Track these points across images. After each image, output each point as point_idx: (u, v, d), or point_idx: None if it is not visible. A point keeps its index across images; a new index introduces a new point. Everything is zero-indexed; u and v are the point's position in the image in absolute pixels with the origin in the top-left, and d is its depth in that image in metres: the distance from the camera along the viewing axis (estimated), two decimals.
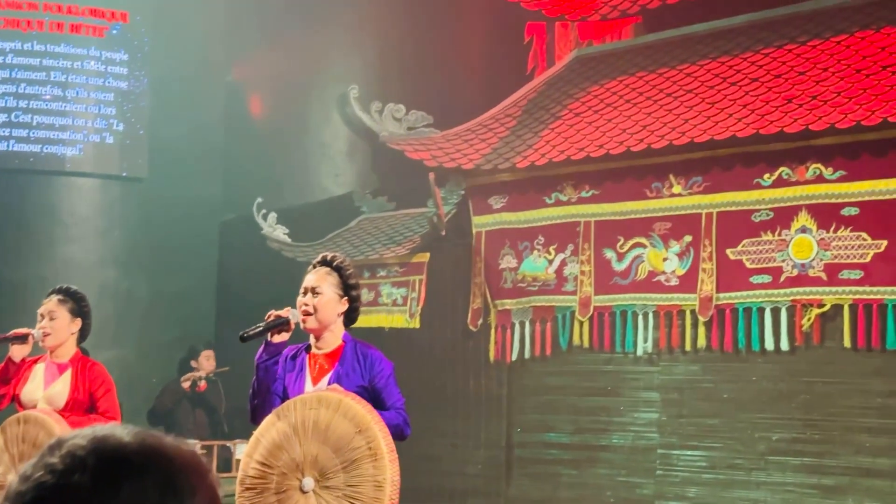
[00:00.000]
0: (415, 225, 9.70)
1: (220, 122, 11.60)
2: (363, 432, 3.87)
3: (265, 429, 4.06)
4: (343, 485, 3.87)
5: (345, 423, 3.92)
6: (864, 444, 7.57)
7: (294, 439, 3.97)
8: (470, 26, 10.58)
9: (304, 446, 3.93)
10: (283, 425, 4.03)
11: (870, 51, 8.11)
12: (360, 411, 3.93)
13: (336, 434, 3.91)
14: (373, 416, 3.95)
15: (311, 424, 3.96)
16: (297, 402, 4.10)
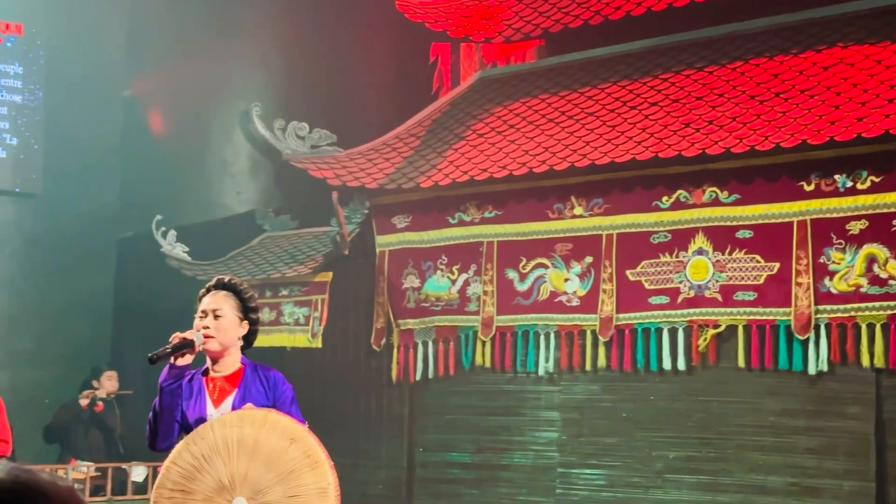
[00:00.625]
0: (318, 244, 9.68)
1: (119, 137, 11.42)
2: (297, 442, 3.86)
3: (177, 454, 3.99)
4: (283, 497, 3.83)
5: (274, 437, 3.89)
6: (758, 462, 7.77)
7: (216, 460, 3.91)
8: (375, 45, 10.64)
9: (231, 466, 3.87)
10: (200, 448, 3.96)
11: (763, 77, 8.33)
12: (288, 423, 3.94)
13: (266, 448, 3.87)
14: (302, 426, 3.97)
15: (234, 443, 3.90)
16: (215, 423, 4.04)
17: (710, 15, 8.80)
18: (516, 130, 9.10)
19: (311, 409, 8.90)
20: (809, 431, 7.70)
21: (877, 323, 7.43)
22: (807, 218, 7.77)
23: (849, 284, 7.56)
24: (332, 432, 8.91)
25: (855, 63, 7.97)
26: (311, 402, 8.97)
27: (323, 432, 8.90)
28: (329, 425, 8.99)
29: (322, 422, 8.87)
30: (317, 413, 8.90)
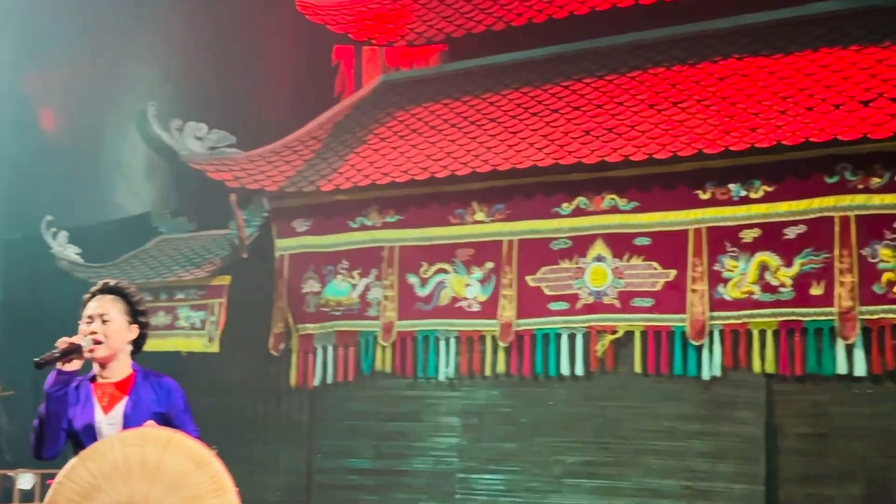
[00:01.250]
0: (215, 247, 9.67)
1: (7, 135, 11.12)
2: (203, 466, 3.67)
3: (72, 471, 3.81)
4: None
5: (179, 459, 3.72)
6: (652, 467, 7.92)
7: (116, 480, 3.75)
8: (276, 46, 10.63)
9: (131, 487, 3.72)
10: (99, 465, 3.81)
11: (661, 87, 8.49)
12: (194, 446, 3.77)
13: (171, 472, 3.70)
14: (208, 451, 3.80)
15: (136, 463, 3.75)
16: (115, 440, 3.89)
17: (611, 24, 8.91)
18: (419, 135, 9.16)
19: (208, 416, 8.79)
20: (702, 436, 7.87)
21: (768, 329, 7.68)
22: (702, 226, 7.94)
23: (742, 292, 7.76)
24: (229, 438, 8.83)
25: (749, 74, 8.21)
26: (207, 408, 8.95)
27: (220, 439, 8.80)
28: (226, 431, 8.90)
29: (219, 428, 8.82)
30: (213, 419, 8.86)
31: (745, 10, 8.52)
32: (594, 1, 8.88)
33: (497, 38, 9.27)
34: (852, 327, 7.38)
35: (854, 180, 7.54)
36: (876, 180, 7.46)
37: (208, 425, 8.61)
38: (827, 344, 7.54)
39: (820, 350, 7.56)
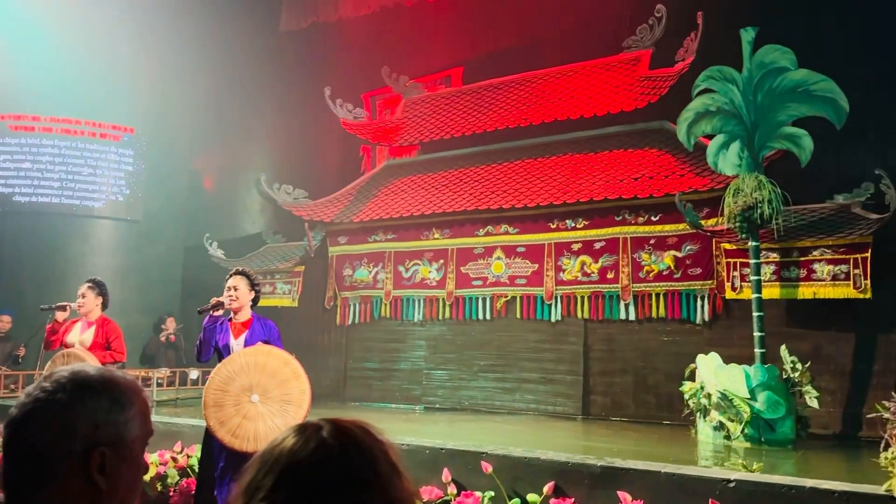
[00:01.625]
0: (297, 250, 9.64)
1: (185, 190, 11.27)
2: (288, 364, 3.90)
3: (219, 369, 3.93)
4: (279, 395, 3.84)
5: (275, 361, 3.90)
6: (525, 366, 8.10)
7: (241, 373, 3.87)
8: (331, 143, 10.42)
9: (250, 377, 3.85)
10: (232, 366, 3.92)
11: (531, 169, 8.45)
12: (283, 353, 3.94)
13: (270, 367, 3.87)
14: (291, 356, 3.96)
15: (252, 364, 3.89)
16: (240, 352, 4.01)
17: (508, 136, 8.84)
18: (405, 193, 9.24)
19: (292, 340, 9.07)
20: (551, 350, 7.96)
21: (585, 295, 7.79)
22: (552, 242, 8.06)
23: (572, 276, 7.88)
24: (303, 353, 9.08)
25: (577, 163, 8.26)
26: (293, 337, 9.19)
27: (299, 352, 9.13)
28: (302, 348, 9.11)
29: (298, 347, 9.04)
30: (295, 342, 9.08)
31: (576, 129, 8.43)
32: (499, 123, 8.81)
33: (448, 142, 9.25)
34: (628, 295, 7.53)
35: (629, 218, 7.66)
36: (640, 219, 7.60)
37: (292, 345, 9.00)
38: (615, 303, 7.62)
39: (611, 306, 7.63)
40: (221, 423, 3.84)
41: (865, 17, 7.27)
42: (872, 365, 6.39)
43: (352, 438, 0.90)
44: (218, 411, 3.86)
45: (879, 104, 7.04)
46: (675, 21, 7.88)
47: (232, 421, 3.83)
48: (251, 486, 0.87)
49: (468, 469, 4.61)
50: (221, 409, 3.85)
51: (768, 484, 3.85)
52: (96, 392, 1.03)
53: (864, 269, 6.27)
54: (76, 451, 0.99)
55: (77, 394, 1.01)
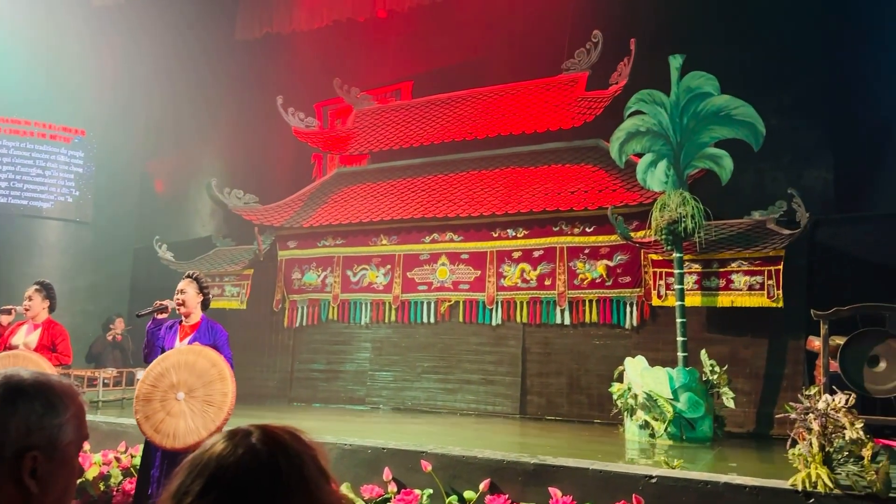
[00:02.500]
0: (246, 254, 9.51)
1: (137, 193, 10.92)
2: (216, 365, 3.86)
3: (153, 366, 3.92)
4: (203, 394, 3.80)
5: (203, 361, 3.87)
6: (467, 368, 8.09)
7: (173, 371, 3.84)
8: (283, 150, 10.32)
9: (179, 375, 3.83)
10: (165, 363, 3.90)
11: (475, 181, 8.50)
12: (213, 354, 3.91)
13: (199, 367, 3.84)
14: (221, 357, 3.93)
15: (183, 363, 3.86)
16: (174, 351, 3.99)
17: (453, 147, 8.86)
18: (354, 200, 9.16)
19: (241, 342, 8.91)
20: (492, 353, 7.98)
21: (523, 301, 7.86)
22: (494, 250, 8.10)
23: (512, 282, 7.94)
24: (251, 354, 8.93)
25: (517, 176, 8.36)
26: (241, 338, 8.97)
27: (248, 354, 8.93)
28: (250, 350, 8.89)
29: (246, 349, 8.94)
30: (244, 344, 8.92)
31: (517, 144, 8.54)
32: (446, 136, 8.85)
33: (396, 153, 9.25)
34: (564, 301, 7.63)
35: (566, 229, 7.76)
36: (576, 230, 7.72)
37: (241, 347, 8.82)
38: (552, 309, 7.70)
39: (548, 311, 7.71)
40: (147, 418, 3.79)
41: (784, 48, 7.67)
42: (783, 368, 6.68)
43: (280, 444, 0.88)
44: (145, 406, 3.82)
45: (794, 129, 7.43)
46: (611, 46, 8.11)
47: (157, 416, 3.78)
48: (179, 491, 0.86)
49: (408, 468, 4.62)
50: (149, 404, 3.81)
51: (687, 479, 3.99)
52: (29, 396, 1.00)
53: (777, 280, 6.56)
54: (7, 455, 0.96)
55: (9, 397, 0.98)
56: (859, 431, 3.72)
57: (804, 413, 3.99)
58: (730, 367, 6.23)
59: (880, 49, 7.13)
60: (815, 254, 6.83)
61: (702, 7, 7.86)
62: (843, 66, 7.47)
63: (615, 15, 8.19)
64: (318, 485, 0.87)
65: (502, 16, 9.03)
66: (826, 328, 5.37)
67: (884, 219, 6.92)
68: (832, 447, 3.76)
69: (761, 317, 6.69)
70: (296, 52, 10.38)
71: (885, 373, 5.28)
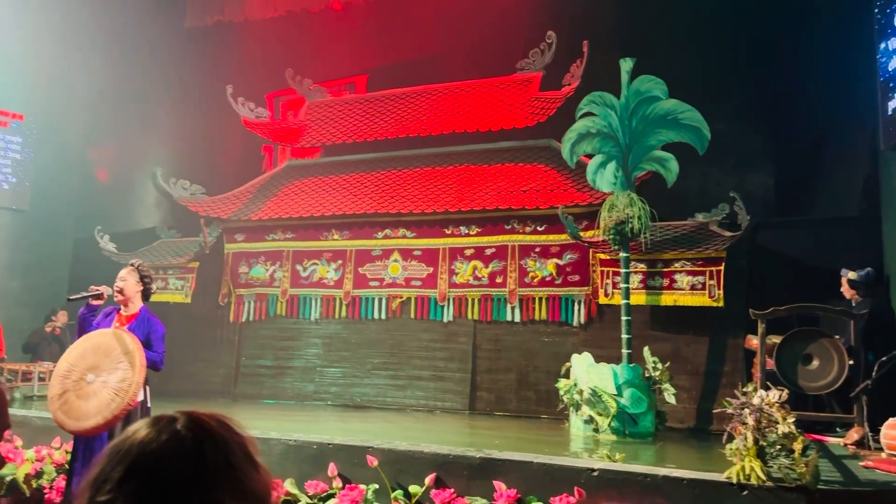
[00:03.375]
0: (192, 246, 9.35)
1: (79, 181, 10.55)
2: (129, 353, 3.78)
3: (62, 360, 3.85)
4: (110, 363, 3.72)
5: (109, 339, 3.82)
6: (417, 364, 8.12)
7: (89, 354, 3.77)
8: (233, 141, 10.13)
9: (88, 360, 3.76)
10: (84, 344, 3.84)
11: (429, 177, 8.53)
12: (128, 341, 3.82)
13: (104, 346, 3.79)
14: (136, 345, 3.81)
15: (91, 347, 3.80)
16: (91, 334, 3.91)
17: (407, 143, 8.89)
18: (305, 194, 9.08)
19: (185, 336, 8.77)
20: (442, 349, 8.05)
21: (475, 298, 7.95)
22: (447, 247, 8.17)
23: (464, 279, 8.02)
24: (195, 349, 8.82)
25: (471, 174, 8.42)
26: (184, 332, 8.86)
27: (191, 350, 8.76)
28: (194, 346, 8.82)
29: (190, 344, 8.82)
30: (187, 339, 8.80)
31: (471, 141, 8.61)
32: (400, 131, 8.86)
33: (350, 147, 9.20)
34: (514, 298, 7.75)
35: (518, 227, 7.89)
36: (528, 229, 7.85)
37: (185, 342, 8.61)
38: (502, 306, 7.81)
39: (499, 309, 7.82)
40: (66, 413, 3.70)
41: (731, 56, 7.96)
42: (723, 366, 6.94)
43: (207, 430, 0.86)
44: (63, 403, 3.72)
45: (737, 134, 7.73)
46: (565, 47, 8.27)
47: (72, 405, 3.69)
48: (99, 479, 0.82)
49: (354, 463, 4.62)
50: (63, 398, 3.72)
51: (627, 472, 4.12)
52: None
53: (718, 281, 6.82)
54: None
55: None
56: (791, 426, 3.90)
57: (740, 408, 4.17)
58: (672, 364, 6.44)
59: (819, 60, 7.48)
60: (755, 256, 7.13)
61: (654, 12, 8.09)
62: (786, 75, 7.81)
63: (569, 17, 8.37)
64: (245, 472, 0.85)
65: (459, 13, 9.07)
66: (763, 327, 5.61)
67: (820, 223, 7.27)
68: (766, 441, 3.93)
69: (702, 316, 6.93)
70: (248, 41, 10.22)
71: (818, 371, 5.55)
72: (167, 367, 4.36)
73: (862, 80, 6.77)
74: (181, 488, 0.80)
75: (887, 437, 4.46)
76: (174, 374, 7.78)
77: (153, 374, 4.14)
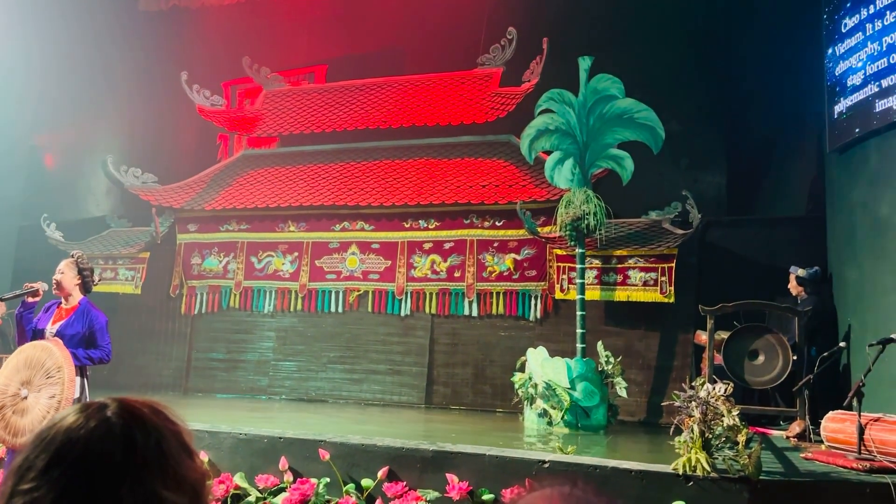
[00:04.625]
0: (142, 236, 9.17)
1: (23, 167, 10.18)
2: (59, 369, 3.70)
3: (6, 364, 3.77)
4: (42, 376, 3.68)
5: (39, 352, 3.76)
6: (374, 358, 8.09)
7: (15, 375, 3.71)
8: (186, 129, 9.97)
9: (21, 375, 3.71)
10: (17, 358, 3.76)
11: (388, 170, 8.49)
12: (58, 355, 3.75)
13: (35, 359, 3.73)
14: (65, 357, 3.76)
15: (23, 361, 3.74)
16: (27, 346, 3.83)
17: (366, 136, 8.84)
18: (261, 184, 8.96)
19: (134, 328, 8.58)
20: (399, 343, 8.03)
21: (433, 292, 7.96)
22: (405, 240, 8.14)
23: (422, 273, 8.02)
24: (144, 342, 8.68)
25: (430, 168, 8.43)
26: (134, 324, 8.69)
27: (141, 342, 8.58)
28: (144, 337, 8.66)
29: (139, 335, 8.65)
30: (137, 331, 8.62)
31: (431, 135, 8.62)
32: (359, 123, 8.80)
33: (307, 137, 9.11)
34: (472, 292, 7.79)
35: (477, 222, 7.92)
36: (486, 223, 7.89)
37: (135, 334, 8.41)
38: (460, 300, 7.84)
39: (457, 303, 7.85)
40: (4, 429, 3.66)
41: (687, 56, 8.13)
42: (673, 360, 7.12)
43: (138, 417, 0.83)
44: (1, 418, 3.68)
45: (691, 134, 7.90)
46: (525, 44, 8.32)
47: (9, 421, 3.66)
48: (22, 467, 0.79)
49: (305, 457, 4.59)
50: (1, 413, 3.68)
51: (577, 464, 4.20)
52: None
53: (670, 277, 6.98)
54: None
55: None
56: (735, 419, 4.01)
57: (688, 401, 4.27)
58: (624, 358, 6.57)
59: (770, 64, 7.70)
60: (705, 253, 7.32)
61: (613, 11, 8.21)
62: (738, 78, 8.02)
63: (530, 13, 8.42)
64: (178, 460, 0.83)
65: (420, 6, 9.06)
66: (712, 323, 5.76)
67: (768, 222, 7.51)
68: (711, 434, 4.04)
69: (654, 311, 7.09)
70: (204, 27, 10.04)
71: (763, 366, 5.74)
72: (115, 360, 4.26)
73: (810, 84, 7.00)
74: (109, 476, 0.77)
75: (827, 429, 4.63)
76: (122, 366, 7.61)
77: (100, 367, 4.03)
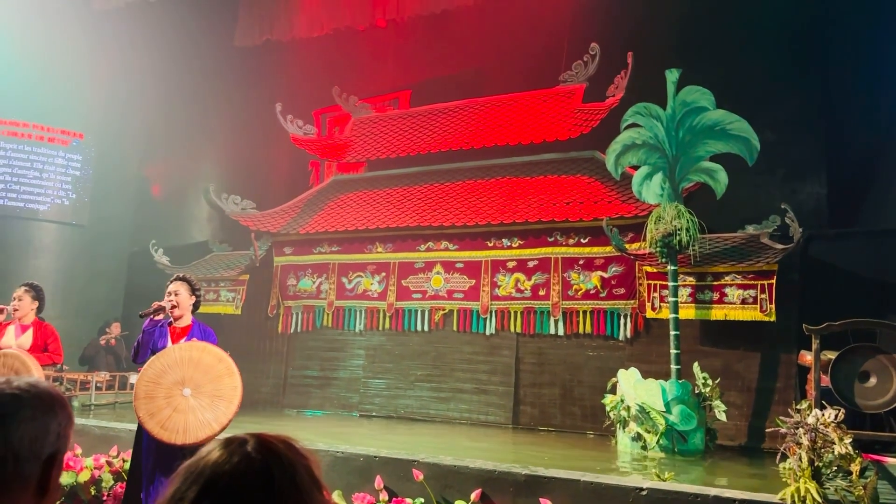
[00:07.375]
0: (242, 259, 9.47)
1: (134, 197, 10.83)
2: (222, 361, 3.78)
3: (152, 362, 3.79)
4: (211, 390, 3.70)
5: (209, 357, 3.79)
6: (460, 377, 8.07)
7: (176, 367, 3.74)
8: (281, 157, 10.32)
9: (184, 371, 3.73)
10: (166, 360, 3.79)
11: (472, 190, 8.47)
12: (217, 350, 3.84)
13: (205, 363, 3.76)
14: (224, 353, 3.83)
15: (186, 359, 3.76)
16: (175, 348, 3.87)
17: (450, 156, 8.89)
18: (350, 207, 9.15)
19: (235, 347, 8.85)
20: (485, 362, 7.97)
21: (517, 310, 7.84)
22: (489, 259, 8.09)
23: (506, 292, 7.93)
24: (244, 360, 8.91)
25: (514, 187, 8.37)
26: (235, 343, 8.93)
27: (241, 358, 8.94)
28: (243, 355, 8.98)
29: (241, 353, 8.85)
30: (237, 350, 8.86)
31: (514, 154, 8.57)
32: (443, 145, 8.86)
33: (393, 161, 9.25)
34: (558, 311, 7.63)
35: (561, 239, 7.78)
36: (571, 241, 7.73)
37: (235, 353, 8.75)
38: (546, 319, 7.70)
39: (542, 322, 7.71)
40: (151, 415, 3.67)
41: (780, 64, 7.68)
42: (775, 382, 6.65)
43: (275, 453, 0.89)
44: (149, 403, 3.70)
45: (788, 144, 7.43)
46: (608, 59, 8.14)
47: (162, 413, 3.67)
48: (175, 497, 0.86)
49: (400, 476, 4.56)
50: (152, 401, 3.70)
51: (677, 492, 3.94)
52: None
53: (770, 294, 6.54)
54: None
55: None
56: (848, 447, 3.69)
57: (794, 427, 3.96)
58: (722, 379, 6.20)
59: (875, 66, 7.15)
60: (808, 268, 6.83)
61: (699, 22, 7.89)
62: (838, 82, 7.50)
63: (612, 28, 8.22)
64: (310, 493, 0.89)
65: (500, 27, 9.07)
66: (818, 343, 5.34)
67: (875, 235, 6.92)
68: (821, 462, 3.73)
69: (754, 330, 6.67)
70: (295, 59, 10.40)
71: (876, 388, 5.25)
72: None
73: None
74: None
75: None
76: None
77: None
